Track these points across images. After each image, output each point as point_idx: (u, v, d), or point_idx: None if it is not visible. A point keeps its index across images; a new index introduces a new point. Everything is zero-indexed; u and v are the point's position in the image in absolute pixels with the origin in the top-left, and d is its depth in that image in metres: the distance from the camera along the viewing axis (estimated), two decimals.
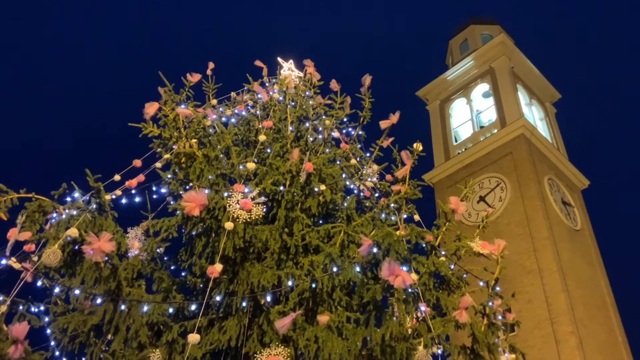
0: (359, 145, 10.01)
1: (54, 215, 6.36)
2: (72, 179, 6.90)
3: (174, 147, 7.75)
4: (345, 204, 8.58)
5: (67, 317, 6.44)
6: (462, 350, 6.62)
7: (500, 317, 7.09)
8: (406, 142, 8.29)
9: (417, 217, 8.15)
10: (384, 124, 8.57)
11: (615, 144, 75.05)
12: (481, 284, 7.49)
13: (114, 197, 6.75)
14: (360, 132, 10.14)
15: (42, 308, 6.98)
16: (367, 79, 9.70)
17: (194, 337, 4.84)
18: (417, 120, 32.81)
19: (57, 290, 6.48)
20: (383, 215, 8.39)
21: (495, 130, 26.94)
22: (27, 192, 6.37)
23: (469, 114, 29.56)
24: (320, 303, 7.21)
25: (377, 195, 9.09)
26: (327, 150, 9.48)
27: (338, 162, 9.41)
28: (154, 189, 8.04)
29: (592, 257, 24.69)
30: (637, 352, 22.61)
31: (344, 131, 10.06)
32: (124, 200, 7.49)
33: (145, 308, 6.13)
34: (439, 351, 5.74)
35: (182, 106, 8.03)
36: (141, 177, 7.78)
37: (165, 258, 8.66)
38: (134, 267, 7.10)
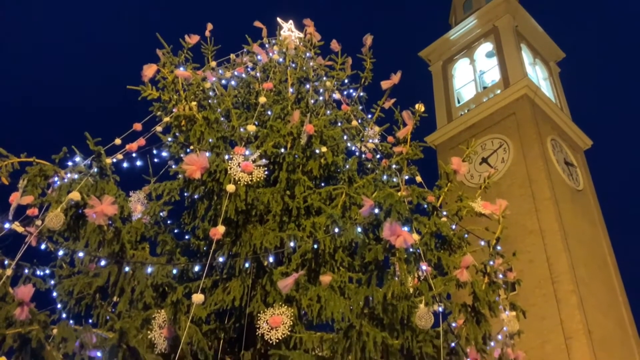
0: (360, 107, 9.93)
1: (56, 179, 6.37)
2: (73, 144, 6.89)
3: (173, 110, 7.70)
4: (347, 166, 8.56)
5: (73, 279, 6.52)
6: (463, 308, 6.68)
7: (501, 276, 7.14)
8: (408, 104, 8.23)
9: (418, 179, 8.14)
10: (385, 84, 8.48)
11: (619, 104, 74.46)
12: (482, 243, 7.52)
13: (114, 160, 6.74)
14: (361, 94, 10.04)
15: (47, 271, 7.06)
16: (368, 39, 9.56)
17: (198, 297, 4.90)
18: (420, 82, 32.53)
19: (61, 252, 6.53)
20: (385, 177, 8.38)
21: (499, 91, 26.70)
22: (28, 156, 6.37)
23: (472, 75, 29.25)
24: (322, 264, 7.28)
25: (378, 156, 9.06)
26: (328, 112, 9.41)
27: (339, 124, 9.35)
28: (154, 152, 8.02)
29: (593, 217, 24.78)
30: (637, 311, 22.91)
31: (345, 93, 9.96)
32: (125, 165, 7.49)
33: (150, 270, 6.19)
34: (440, 309, 5.79)
35: (181, 68, 7.94)
36: (142, 141, 7.76)
37: (168, 221, 8.71)
38: (137, 230, 7.14)
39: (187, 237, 8.66)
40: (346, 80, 10.05)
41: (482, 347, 6.75)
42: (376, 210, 6.06)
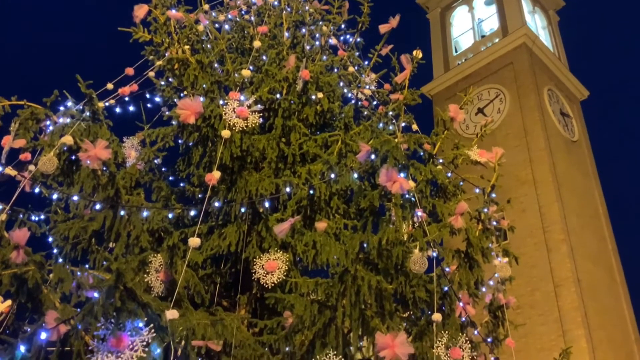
0: (357, 53, 9.75)
1: (48, 123, 6.28)
2: (64, 89, 6.76)
3: (166, 54, 7.53)
4: (343, 114, 8.48)
5: (68, 224, 6.51)
6: (457, 254, 6.77)
7: (494, 223, 7.20)
8: (405, 52, 8.05)
9: (415, 127, 8.07)
10: (383, 28, 8.29)
11: (617, 54, 73.65)
12: (477, 191, 7.54)
13: (107, 104, 6.63)
14: (358, 39, 9.84)
15: (42, 217, 7.06)
16: None
17: (194, 241, 4.90)
18: (417, 31, 31.96)
19: (55, 196, 6.50)
20: (381, 125, 8.32)
21: (497, 40, 26.30)
22: (19, 99, 6.26)
23: (470, 23, 28.71)
24: (317, 211, 7.30)
25: (375, 103, 8.97)
26: (325, 57, 9.23)
27: (336, 70, 9.20)
28: (147, 96, 7.90)
29: (587, 168, 24.92)
30: (626, 259, 23.37)
31: (342, 38, 9.76)
32: (117, 110, 7.38)
33: (145, 214, 6.19)
34: (434, 254, 5.86)
35: (173, 10, 7.72)
36: (135, 87, 7.62)
37: (163, 169, 8.67)
38: (132, 175, 7.10)
39: (182, 184, 8.64)
40: (343, 26, 9.83)
41: (474, 292, 6.88)
42: (372, 157, 6.03)
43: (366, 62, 9.53)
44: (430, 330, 5.79)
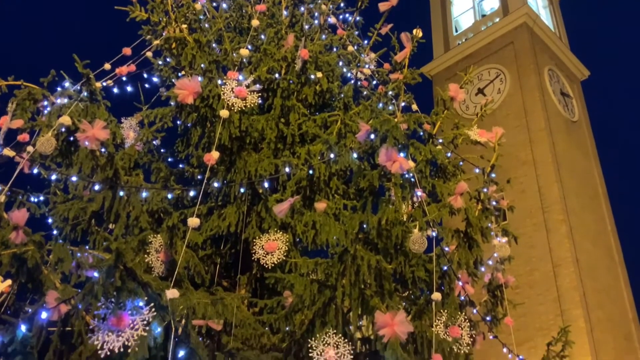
0: (356, 32, 9.66)
1: (45, 104, 6.24)
2: (61, 69, 6.70)
3: (163, 33, 7.46)
4: (342, 94, 8.43)
5: (67, 204, 6.51)
6: (456, 234, 6.78)
7: (494, 203, 7.20)
8: (405, 31, 7.98)
9: (414, 107, 8.02)
10: (383, 6, 8.18)
11: (618, 34, 73.12)
12: (477, 171, 7.53)
13: (104, 84, 6.58)
14: (357, 18, 9.74)
15: (41, 198, 7.06)
16: None
17: (193, 221, 4.89)
18: (417, 10, 31.66)
19: (54, 177, 6.49)
20: (380, 105, 8.27)
21: (497, 19, 26.09)
22: (15, 79, 6.21)
23: (470, 2, 28.45)
24: (317, 191, 7.29)
25: (374, 83, 8.90)
26: (324, 36, 9.14)
27: (335, 50, 9.12)
28: (145, 76, 7.84)
29: (587, 148, 24.90)
30: (624, 239, 23.46)
31: (341, 17, 9.65)
32: (115, 90, 7.32)
33: (144, 194, 6.18)
34: (433, 234, 5.85)
35: None
36: (132, 67, 7.56)
37: (161, 150, 8.65)
38: (131, 156, 7.09)
39: (181, 165, 8.63)
40: (342, 4, 9.70)
41: (473, 272, 6.90)
42: (372, 136, 6.00)
43: (365, 42, 9.44)
44: (429, 309, 5.81)
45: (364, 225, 5.81)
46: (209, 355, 4.88)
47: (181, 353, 4.01)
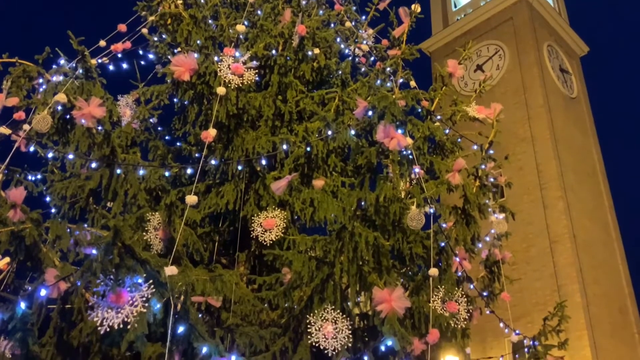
0: (354, 8, 9.54)
1: (40, 81, 6.19)
2: (56, 46, 6.63)
3: (158, 9, 7.36)
4: (340, 71, 8.36)
5: (65, 182, 6.50)
6: (454, 211, 6.79)
7: (492, 180, 7.20)
8: (403, 6, 7.88)
9: (413, 84, 7.97)
10: None
11: (618, 10, 72.47)
12: (475, 147, 7.51)
13: (99, 61, 6.52)
14: None
15: (38, 176, 7.04)
16: None
17: (191, 199, 4.89)
18: None
19: (50, 155, 6.47)
20: (379, 82, 8.21)
21: None
22: (10, 57, 6.15)
23: None
24: (315, 169, 7.28)
25: (372, 59, 8.83)
26: (321, 12, 9.04)
27: (332, 25, 9.02)
28: (141, 53, 7.77)
29: (585, 125, 24.86)
30: (622, 215, 23.57)
31: None
32: (111, 67, 7.26)
33: (142, 172, 6.17)
34: (431, 210, 5.86)
35: None
36: (128, 44, 7.48)
37: (159, 128, 8.62)
38: (127, 134, 7.06)
39: (178, 143, 8.60)
40: None
41: (471, 248, 6.93)
42: (370, 113, 5.97)
43: (363, 17, 9.34)
44: (426, 285, 5.86)
45: (362, 203, 5.81)
46: (209, 331, 4.92)
47: (180, 329, 4.04)
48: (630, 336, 20.65)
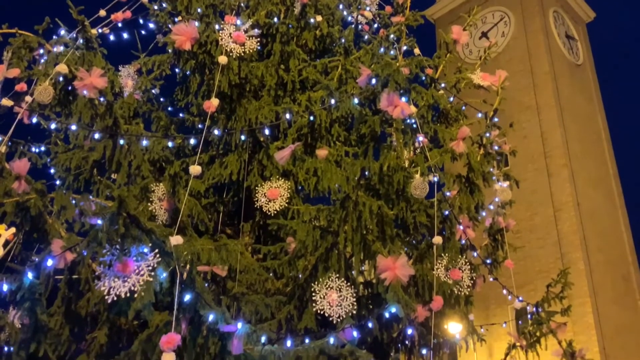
0: None
1: (41, 52, 6.14)
2: (55, 16, 6.56)
3: None
4: (343, 39, 8.27)
5: (68, 154, 6.51)
6: (457, 179, 6.77)
7: (496, 148, 7.16)
8: None
9: (417, 51, 7.88)
10: None
11: None
12: (479, 115, 7.45)
13: (100, 31, 6.45)
14: None
15: (42, 148, 7.05)
16: None
17: (195, 169, 4.89)
18: None
19: (53, 126, 6.45)
20: (382, 49, 8.11)
21: None
22: (10, 27, 6.09)
23: None
24: (318, 138, 7.26)
25: (375, 26, 8.70)
26: None
27: None
28: (141, 22, 7.68)
29: (591, 92, 24.62)
30: (626, 183, 23.52)
31: None
32: (112, 38, 7.19)
33: (145, 143, 6.16)
34: (435, 179, 5.85)
35: None
36: (128, 13, 7.39)
37: (161, 99, 8.58)
38: (130, 105, 7.04)
39: (181, 114, 8.57)
40: None
41: (474, 216, 6.94)
42: (373, 81, 5.91)
43: None
44: (430, 253, 5.88)
45: (366, 172, 5.80)
46: (215, 300, 4.98)
47: (187, 297, 4.08)
48: (633, 302, 20.82)
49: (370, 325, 5.04)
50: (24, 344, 4.89)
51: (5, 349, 5.31)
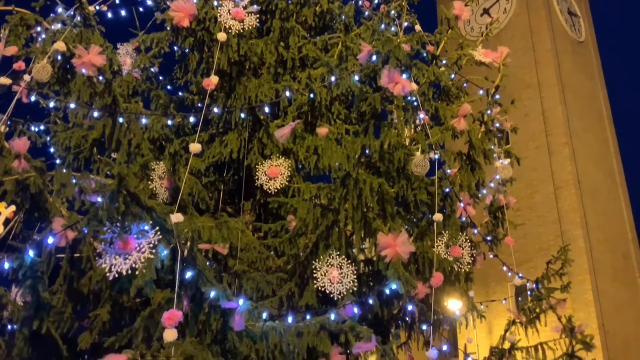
0: None
1: (39, 30, 6.08)
2: None
3: None
4: (343, 16, 8.18)
5: (68, 133, 6.49)
6: (458, 157, 6.76)
7: (497, 125, 7.13)
8: None
9: (418, 27, 7.79)
10: None
11: None
12: (481, 92, 7.41)
13: (97, 8, 6.37)
14: None
15: (41, 127, 7.03)
16: None
17: (195, 147, 4.87)
18: None
19: (52, 105, 6.42)
20: (382, 26, 8.02)
21: None
22: (6, 4, 6.02)
23: None
24: (318, 116, 7.23)
25: (376, 2, 8.59)
26: None
27: None
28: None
29: (593, 70, 24.47)
30: (627, 161, 23.49)
31: None
32: (110, 15, 7.10)
33: (144, 121, 6.14)
34: (436, 156, 5.84)
35: None
36: None
37: (160, 77, 8.51)
38: (129, 83, 6.99)
39: (180, 92, 8.52)
40: None
41: (475, 193, 6.95)
42: (374, 58, 5.86)
43: None
44: (431, 230, 5.90)
45: (366, 150, 5.79)
46: (216, 277, 5.00)
47: (188, 274, 4.10)
48: (633, 280, 20.96)
49: (370, 301, 5.08)
50: (27, 322, 4.94)
51: (9, 326, 5.35)
